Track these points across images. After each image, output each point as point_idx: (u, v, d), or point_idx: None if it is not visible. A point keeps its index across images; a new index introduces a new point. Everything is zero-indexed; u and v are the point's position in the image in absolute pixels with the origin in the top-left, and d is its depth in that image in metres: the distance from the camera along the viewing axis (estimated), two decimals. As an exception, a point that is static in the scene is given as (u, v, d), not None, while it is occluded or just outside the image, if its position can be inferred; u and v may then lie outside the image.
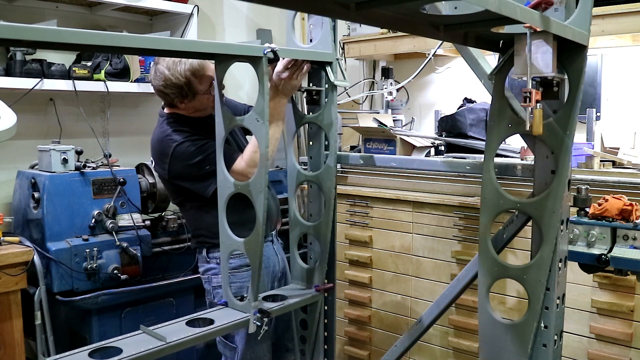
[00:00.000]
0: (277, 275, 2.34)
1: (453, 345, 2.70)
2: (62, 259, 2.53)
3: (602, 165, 2.38)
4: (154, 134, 2.20)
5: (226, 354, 2.29)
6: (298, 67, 1.93)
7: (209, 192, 2.07)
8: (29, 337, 2.60)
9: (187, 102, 2.11)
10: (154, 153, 2.20)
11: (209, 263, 2.24)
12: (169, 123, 2.15)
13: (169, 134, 2.11)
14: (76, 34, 1.21)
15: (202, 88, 2.09)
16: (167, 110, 2.20)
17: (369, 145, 3.00)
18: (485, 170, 1.64)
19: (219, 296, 2.20)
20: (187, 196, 2.19)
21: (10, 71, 2.77)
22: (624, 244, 1.65)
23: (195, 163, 2.07)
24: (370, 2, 1.21)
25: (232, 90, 3.91)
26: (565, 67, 1.50)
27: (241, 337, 2.20)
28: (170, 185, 2.24)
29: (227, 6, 3.94)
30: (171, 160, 2.10)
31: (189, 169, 2.08)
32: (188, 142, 2.08)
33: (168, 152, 2.10)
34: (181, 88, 2.06)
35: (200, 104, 2.14)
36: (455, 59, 3.58)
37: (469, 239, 2.59)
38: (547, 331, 1.60)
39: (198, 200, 2.16)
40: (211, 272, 2.24)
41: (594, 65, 2.92)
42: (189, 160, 2.07)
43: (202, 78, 2.08)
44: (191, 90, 2.08)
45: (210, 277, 2.25)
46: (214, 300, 2.24)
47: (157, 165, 2.23)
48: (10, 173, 2.90)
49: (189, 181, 2.12)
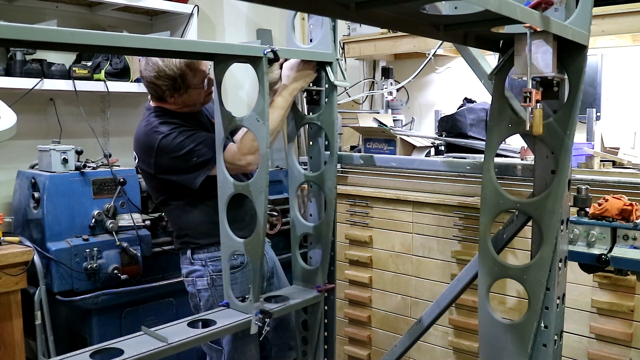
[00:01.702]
0: (266, 275, 2.26)
1: (453, 345, 2.70)
2: (62, 259, 2.53)
3: (602, 165, 2.38)
4: (139, 128, 2.13)
5: (212, 356, 2.25)
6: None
7: (196, 184, 2.02)
8: (29, 337, 2.61)
9: (177, 95, 2.05)
10: (139, 147, 2.13)
11: (193, 265, 2.17)
12: (155, 116, 2.09)
13: (155, 126, 2.05)
14: (76, 34, 1.21)
15: (195, 82, 2.05)
16: (153, 104, 2.14)
17: (369, 145, 3.00)
18: (485, 170, 1.64)
19: (204, 299, 2.16)
20: (172, 192, 2.13)
21: (10, 71, 2.77)
22: (624, 244, 1.65)
23: (182, 155, 2.00)
24: (370, 2, 1.21)
25: (232, 90, 3.91)
26: (565, 67, 1.50)
27: (227, 339, 2.14)
28: (154, 181, 2.16)
29: (227, 6, 3.94)
30: (157, 153, 2.04)
31: (176, 162, 2.02)
32: (175, 134, 2.02)
33: (154, 145, 2.03)
34: (175, 80, 2.01)
35: (190, 99, 2.09)
36: (455, 59, 3.58)
37: (469, 239, 2.59)
38: (547, 331, 1.60)
39: (184, 197, 2.11)
40: (195, 275, 2.17)
41: (594, 65, 2.92)
42: (176, 152, 2.01)
43: (196, 71, 2.04)
44: (184, 83, 2.03)
45: (195, 279, 2.17)
46: (200, 303, 2.18)
47: (140, 161, 2.15)
48: (10, 173, 2.90)
49: (176, 174, 2.05)
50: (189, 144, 2.01)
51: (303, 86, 2.01)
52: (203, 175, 2.01)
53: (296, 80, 1.99)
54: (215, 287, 2.14)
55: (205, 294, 2.16)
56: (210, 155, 1.98)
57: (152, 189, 2.25)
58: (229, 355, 2.16)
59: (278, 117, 1.96)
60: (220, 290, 2.07)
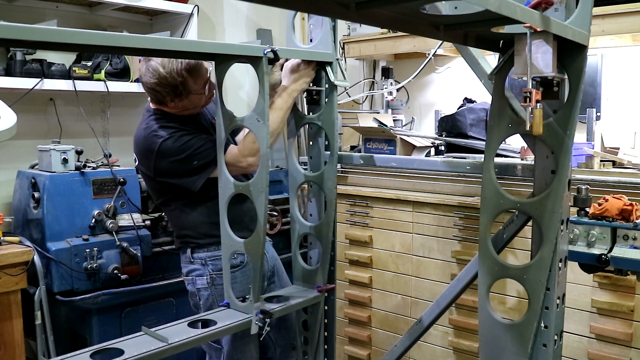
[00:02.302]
0: (266, 274, 2.26)
1: (453, 345, 2.70)
2: (62, 258, 2.53)
3: (602, 165, 2.38)
4: (138, 130, 2.13)
5: (211, 354, 2.25)
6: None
7: (197, 186, 2.03)
8: (29, 337, 2.61)
9: (178, 100, 2.06)
10: (139, 150, 2.13)
11: (192, 264, 2.18)
12: (155, 119, 2.09)
13: (155, 130, 2.05)
14: (76, 34, 1.21)
15: (196, 87, 2.05)
16: (153, 106, 2.14)
17: (369, 145, 3.00)
18: (485, 170, 1.64)
19: (204, 298, 2.16)
20: (172, 194, 2.13)
21: (10, 71, 2.77)
22: (624, 244, 1.65)
23: (182, 159, 2.01)
24: (370, 2, 1.21)
25: (232, 90, 3.92)
26: (565, 67, 1.50)
27: (227, 338, 2.15)
28: (154, 183, 2.16)
29: (227, 6, 3.94)
30: (157, 157, 2.04)
31: (176, 165, 2.03)
32: (174, 138, 2.02)
33: (154, 149, 2.04)
34: (176, 87, 2.01)
35: (191, 103, 2.09)
36: (455, 59, 3.58)
37: (469, 239, 2.59)
38: (547, 331, 1.60)
39: (183, 198, 2.11)
40: (195, 274, 2.18)
41: (594, 65, 2.92)
42: (176, 156, 2.02)
43: (197, 77, 2.04)
44: (186, 89, 2.03)
45: (195, 278, 2.18)
46: (199, 302, 2.18)
47: (140, 163, 2.15)
48: (10, 173, 2.90)
49: (177, 177, 2.06)
50: (189, 147, 2.01)
51: (303, 87, 2.01)
52: (203, 178, 2.02)
53: (296, 81, 1.99)
54: (215, 286, 2.14)
55: (205, 293, 2.16)
56: (210, 158, 1.98)
57: (152, 191, 2.26)
58: (229, 355, 2.16)
59: (278, 119, 1.96)
60: (220, 289, 2.07)
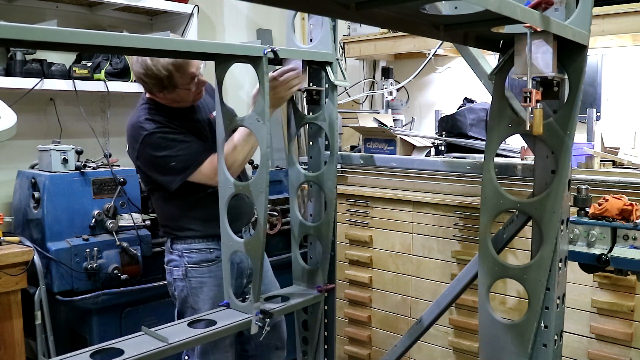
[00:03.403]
0: (246, 272, 2.27)
1: (453, 345, 2.70)
2: (62, 258, 2.53)
3: (602, 165, 2.38)
4: (131, 117, 2.17)
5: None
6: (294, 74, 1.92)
7: (172, 187, 2.07)
8: (29, 337, 2.61)
9: (165, 93, 2.08)
10: (127, 137, 2.17)
11: (171, 254, 2.21)
12: (146, 109, 2.13)
13: (142, 121, 2.09)
14: (76, 34, 1.21)
15: (182, 82, 2.06)
16: (147, 95, 2.17)
17: (369, 145, 3.00)
18: (485, 170, 1.64)
19: (179, 289, 2.20)
20: (155, 185, 2.17)
21: (10, 71, 2.77)
22: (624, 244, 1.65)
23: (161, 156, 2.05)
24: (370, 2, 1.21)
25: (232, 90, 3.91)
26: (565, 67, 1.50)
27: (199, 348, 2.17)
28: (140, 172, 2.22)
29: (227, 6, 3.94)
30: (140, 147, 2.08)
31: (155, 160, 2.07)
32: (159, 134, 2.06)
33: (138, 139, 2.08)
34: (161, 80, 2.02)
35: (178, 97, 2.11)
36: (455, 59, 3.58)
37: (469, 239, 2.59)
38: (547, 331, 1.60)
39: (164, 190, 2.14)
40: (172, 264, 2.21)
41: (594, 65, 2.92)
42: (155, 152, 2.05)
43: (184, 72, 2.04)
44: (171, 83, 2.04)
45: (172, 269, 2.21)
46: (175, 292, 2.22)
47: (130, 148, 2.19)
48: (10, 173, 2.90)
49: (155, 172, 2.10)
50: (170, 147, 2.05)
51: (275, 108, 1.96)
52: (179, 180, 2.05)
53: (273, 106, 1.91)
54: (189, 278, 2.17)
55: (180, 284, 2.19)
56: (188, 163, 2.03)
57: (141, 178, 2.32)
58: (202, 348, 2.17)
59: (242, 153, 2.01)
60: (194, 283, 2.15)
